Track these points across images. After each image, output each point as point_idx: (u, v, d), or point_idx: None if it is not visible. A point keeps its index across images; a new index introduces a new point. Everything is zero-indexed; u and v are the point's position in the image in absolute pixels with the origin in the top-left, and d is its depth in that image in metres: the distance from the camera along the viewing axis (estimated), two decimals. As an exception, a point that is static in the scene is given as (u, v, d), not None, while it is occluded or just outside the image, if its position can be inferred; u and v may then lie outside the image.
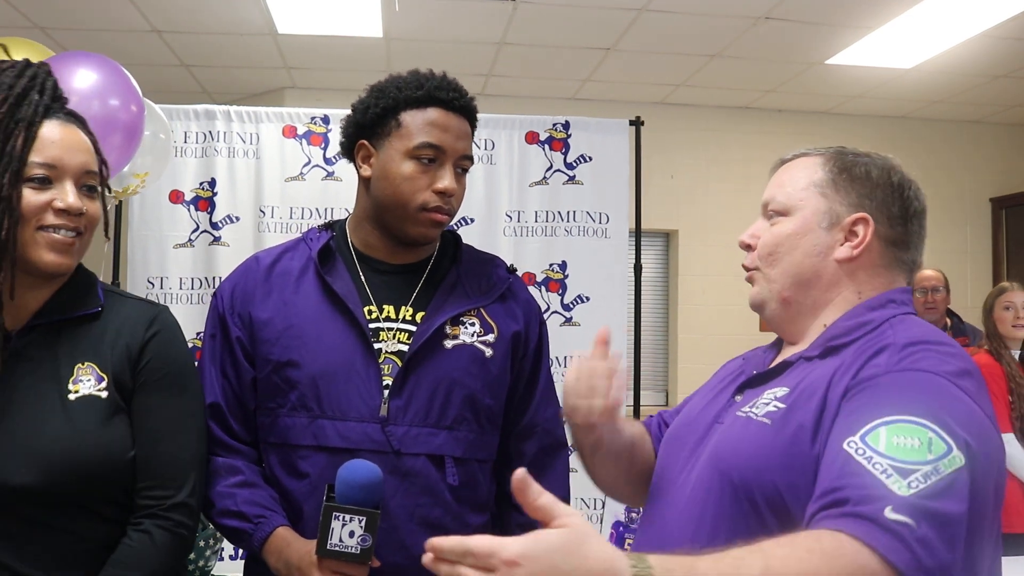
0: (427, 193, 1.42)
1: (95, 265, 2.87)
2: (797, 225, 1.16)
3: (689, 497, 1.10)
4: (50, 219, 1.23)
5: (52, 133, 1.25)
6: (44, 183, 1.23)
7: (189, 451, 1.33)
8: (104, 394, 1.27)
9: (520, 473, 0.80)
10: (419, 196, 1.42)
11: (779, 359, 1.20)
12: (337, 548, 1.24)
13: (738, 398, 1.17)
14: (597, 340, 1.21)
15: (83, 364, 1.28)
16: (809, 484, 0.94)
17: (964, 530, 0.84)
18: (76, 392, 1.26)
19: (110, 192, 1.36)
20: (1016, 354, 3.28)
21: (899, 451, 0.87)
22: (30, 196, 1.22)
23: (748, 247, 1.22)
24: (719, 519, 1.03)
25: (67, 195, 1.24)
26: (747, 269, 1.22)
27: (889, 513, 0.82)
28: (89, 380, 1.27)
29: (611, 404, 1.17)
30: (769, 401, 1.07)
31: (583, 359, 1.20)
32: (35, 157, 1.23)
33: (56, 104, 1.29)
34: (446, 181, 1.42)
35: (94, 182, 1.29)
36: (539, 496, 0.80)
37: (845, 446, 0.90)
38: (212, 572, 2.57)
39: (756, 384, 1.16)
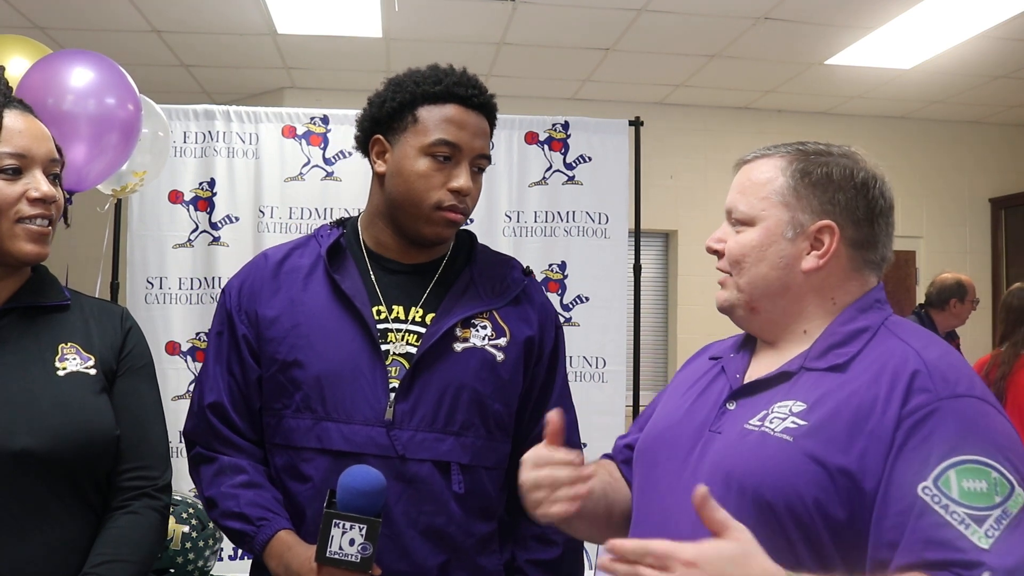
0: (442, 191, 1.39)
1: (94, 265, 2.89)
2: (761, 236, 1.14)
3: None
4: (26, 210, 1.23)
5: (16, 123, 1.23)
6: (15, 174, 1.22)
7: (166, 437, 1.38)
8: (92, 371, 1.29)
9: (702, 490, 0.90)
10: (433, 194, 1.38)
11: (760, 361, 1.17)
12: (337, 556, 1.21)
13: (731, 406, 1.13)
14: (550, 431, 1.13)
15: (67, 344, 1.29)
16: (839, 505, 0.98)
17: None
18: (64, 369, 1.27)
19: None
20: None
21: (971, 497, 0.92)
22: (4, 187, 1.21)
23: (716, 252, 1.20)
24: None
25: (40, 184, 1.24)
26: (721, 271, 1.19)
27: None
28: (75, 359, 1.28)
29: (577, 499, 1.09)
30: (785, 416, 1.05)
31: (537, 449, 1.13)
32: (4, 148, 1.21)
33: (10, 95, 1.28)
34: (461, 180, 1.39)
35: (58, 170, 1.29)
36: (716, 511, 0.91)
37: (921, 493, 0.94)
38: (212, 572, 2.57)
39: (752, 392, 1.12)
